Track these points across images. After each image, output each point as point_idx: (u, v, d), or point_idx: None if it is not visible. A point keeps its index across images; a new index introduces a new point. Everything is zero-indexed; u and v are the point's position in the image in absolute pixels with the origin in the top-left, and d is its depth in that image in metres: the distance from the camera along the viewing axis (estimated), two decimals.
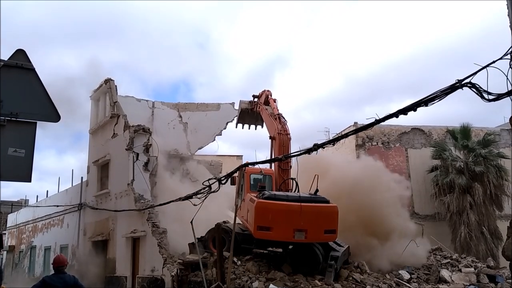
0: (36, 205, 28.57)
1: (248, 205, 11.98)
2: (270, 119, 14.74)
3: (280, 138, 13.61)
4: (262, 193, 11.66)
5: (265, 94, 16.16)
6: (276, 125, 14.07)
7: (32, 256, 27.76)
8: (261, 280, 11.13)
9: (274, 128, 14.06)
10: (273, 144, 13.91)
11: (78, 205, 21.22)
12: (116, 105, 18.78)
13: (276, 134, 13.72)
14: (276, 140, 13.74)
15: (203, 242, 13.09)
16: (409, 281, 13.01)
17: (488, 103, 5.42)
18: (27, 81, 4.19)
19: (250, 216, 11.56)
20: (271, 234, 11.13)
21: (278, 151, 13.29)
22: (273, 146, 13.88)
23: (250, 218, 11.54)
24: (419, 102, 6.24)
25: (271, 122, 14.60)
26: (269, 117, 14.88)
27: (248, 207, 11.98)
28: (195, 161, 22.33)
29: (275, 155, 13.36)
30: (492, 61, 5.13)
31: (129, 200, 16.73)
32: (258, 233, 11.16)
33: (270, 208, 11.07)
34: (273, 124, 14.33)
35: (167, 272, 13.40)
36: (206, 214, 12.41)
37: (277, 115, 14.57)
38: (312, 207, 11.32)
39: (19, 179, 4.16)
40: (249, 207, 11.84)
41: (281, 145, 13.43)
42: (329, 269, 11.30)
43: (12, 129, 4.00)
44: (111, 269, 17.84)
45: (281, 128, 13.96)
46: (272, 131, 14.17)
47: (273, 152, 13.84)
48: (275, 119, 14.41)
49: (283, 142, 13.57)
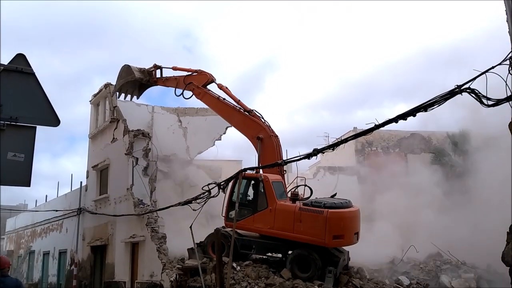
0: (35, 209, 28.51)
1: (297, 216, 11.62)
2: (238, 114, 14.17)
3: (272, 141, 13.33)
4: (319, 202, 11.63)
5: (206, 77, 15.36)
6: (262, 125, 13.64)
7: (31, 261, 27.68)
8: (260, 285, 11.11)
9: (259, 128, 13.58)
10: (260, 146, 13.40)
11: (77, 210, 21.17)
12: (116, 110, 18.79)
13: (268, 136, 13.36)
14: (267, 142, 13.35)
15: (202, 247, 13.05)
16: (409, 287, 12.98)
17: (487, 108, 5.44)
18: (27, 85, 4.19)
19: (312, 227, 11.34)
20: (343, 241, 11.76)
21: (273, 154, 13.08)
22: (263, 149, 13.37)
23: (312, 229, 11.33)
24: (418, 108, 6.26)
25: (242, 118, 14.03)
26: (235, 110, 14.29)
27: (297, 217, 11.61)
28: (195, 166, 22.31)
29: (267, 158, 12.90)
30: (491, 67, 5.16)
31: (128, 205, 16.71)
32: (333, 242, 11.49)
33: (341, 217, 11.53)
34: (251, 122, 13.82)
35: (166, 278, 13.35)
36: None
37: (251, 111, 14.05)
38: (357, 211, 12.25)
39: (19, 184, 4.15)
40: (301, 218, 11.54)
41: (276, 149, 13.31)
42: (328, 275, 11.25)
43: (11, 133, 3.99)
44: (110, 274, 17.78)
45: (270, 129, 13.58)
46: (254, 131, 13.65)
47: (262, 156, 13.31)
48: (252, 116, 13.88)
49: (276, 145, 13.37)
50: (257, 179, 12.43)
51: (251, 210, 12.43)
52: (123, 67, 17.47)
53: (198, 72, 15.84)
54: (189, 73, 15.99)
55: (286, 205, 12.12)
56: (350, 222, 11.82)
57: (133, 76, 16.94)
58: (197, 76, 15.70)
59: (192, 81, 15.52)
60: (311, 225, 11.42)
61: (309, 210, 11.58)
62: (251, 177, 12.57)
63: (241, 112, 14.28)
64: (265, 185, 12.34)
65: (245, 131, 14.21)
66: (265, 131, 13.53)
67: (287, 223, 11.79)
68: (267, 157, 13.02)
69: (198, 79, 15.55)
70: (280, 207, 12.07)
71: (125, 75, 17.20)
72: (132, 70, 16.99)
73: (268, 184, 12.33)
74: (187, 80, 15.74)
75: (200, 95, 15.41)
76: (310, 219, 11.46)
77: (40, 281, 25.72)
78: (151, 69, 17.38)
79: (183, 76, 16.05)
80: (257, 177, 12.45)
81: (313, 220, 11.39)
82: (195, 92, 15.44)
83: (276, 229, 12.00)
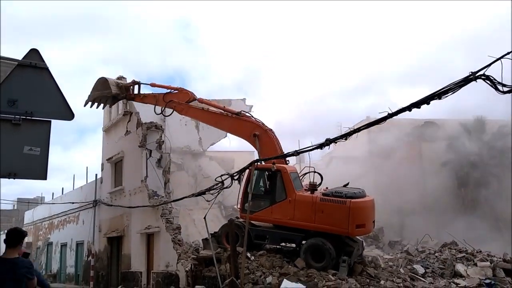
0: (52, 202, 28.98)
1: (319, 206, 11.66)
2: (228, 119, 14.06)
3: (269, 135, 13.23)
4: (339, 192, 11.71)
5: (188, 96, 15.09)
6: (254, 122, 13.61)
7: (49, 253, 28.22)
8: (275, 275, 11.15)
9: (252, 126, 13.52)
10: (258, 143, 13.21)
11: (93, 202, 21.48)
12: (129, 103, 18.90)
13: (263, 131, 13.25)
14: (264, 137, 13.23)
15: (216, 238, 13.14)
16: (424, 275, 12.93)
17: (503, 95, 5.36)
18: (41, 80, 4.23)
19: (334, 217, 11.43)
20: (365, 230, 12.01)
21: (273, 148, 12.96)
22: (262, 144, 13.19)
23: (335, 219, 11.42)
24: (432, 95, 6.18)
25: (232, 121, 13.97)
26: (224, 116, 14.17)
27: (319, 208, 11.65)
28: (207, 158, 22.40)
29: (268, 152, 12.74)
30: (507, 53, 5.06)
31: (143, 197, 16.88)
32: (356, 231, 11.65)
33: (362, 206, 11.71)
34: (243, 123, 13.79)
35: (181, 268, 13.51)
36: None
37: (239, 112, 14.09)
38: (373, 200, 12.41)
39: (35, 177, 4.21)
40: (323, 208, 11.59)
41: (275, 141, 13.26)
42: (342, 264, 11.26)
43: (27, 128, 4.05)
44: (126, 265, 18.05)
45: (263, 124, 13.50)
46: (248, 130, 13.55)
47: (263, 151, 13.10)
48: (242, 116, 13.90)
49: (273, 138, 13.27)
50: (275, 170, 12.35)
51: (269, 201, 12.37)
52: (100, 79, 17.00)
53: (179, 90, 15.52)
54: (168, 91, 15.68)
55: (306, 196, 12.10)
56: (370, 211, 12.03)
57: (109, 92, 16.47)
58: (177, 94, 15.38)
59: (172, 99, 15.20)
60: (333, 215, 11.46)
61: (330, 201, 11.60)
62: (267, 168, 12.54)
63: (230, 116, 14.14)
64: (283, 176, 12.28)
65: (239, 133, 14.13)
66: (259, 127, 13.43)
67: (307, 214, 11.79)
68: (267, 151, 12.84)
69: (179, 97, 15.23)
70: (300, 198, 12.05)
71: (101, 88, 16.71)
72: (109, 84, 16.50)
73: (286, 175, 12.28)
74: (167, 98, 15.35)
75: (184, 111, 15.21)
76: (332, 209, 11.49)
77: (58, 272, 26.24)
78: (129, 84, 16.98)
79: (162, 94, 15.66)
80: (271, 168, 12.32)
81: (336, 210, 11.45)
82: (177, 108, 15.17)
83: (296, 220, 11.99)
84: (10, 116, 3.98)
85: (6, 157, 3.90)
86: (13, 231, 5.03)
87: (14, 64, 4.14)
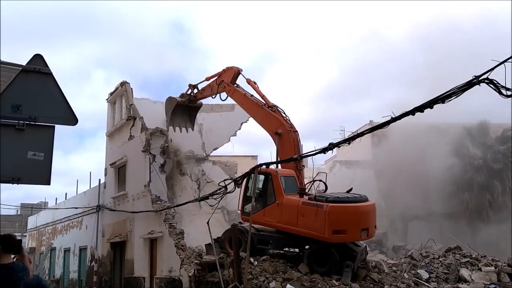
0: (55, 207, 29.02)
1: (301, 210, 11.61)
2: (261, 110, 14.18)
3: (291, 136, 13.28)
4: (322, 196, 11.51)
5: (233, 70, 15.63)
6: (281, 120, 13.59)
7: (52, 258, 28.20)
8: (278, 280, 11.12)
9: (278, 123, 13.54)
10: (278, 141, 13.32)
11: (96, 207, 21.49)
12: (132, 108, 18.97)
13: (286, 131, 13.31)
14: (285, 137, 13.29)
15: (219, 243, 13.13)
16: (428, 280, 12.85)
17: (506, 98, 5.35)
18: (45, 85, 4.25)
19: (313, 221, 11.24)
20: (345, 236, 11.39)
21: (290, 149, 13.07)
22: (281, 144, 13.31)
23: (314, 223, 11.23)
24: (435, 99, 6.18)
25: (264, 113, 14.03)
26: (259, 106, 14.30)
27: (300, 212, 11.60)
28: (211, 162, 22.41)
29: (285, 153, 12.90)
30: (510, 56, 5.06)
31: (146, 202, 16.88)
32: (334, 237, 11.22)
33: (342, 211, 11.28)
34: (272, 118, 13.79)
35: (184, 273, 13.48)
36: None
37: (273, 106, 14.04)
38: (369, 206, 11.92)
39: (39, 182, 4.22)
40: (304, 212, 11.52)
41: (293, 144, 13.28)
42: (346, 269, 11.21)
43: (31, 133, 4.06)
44: (130, 270, 18.03)
45: (289, 124, 13.52)
46: (274, 126, 13.61)
47: (280, 151, 13.29)
48: (273, 111, 13.87)
49: (294, 140, 13.36)
50: (267, 174, 12.46)
51: (262, 204, 12.50)
52: (166, 100, 18.30)
53: (225, 70, 16.17)
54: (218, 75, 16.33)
55: (291, 199, 12.13)
56: (355, 217, 11.47)
57: (175, 100, 17.64)
58: (225, 73, 16.00)
59: (223, 80, 15.82)
60: (312, 219, 11.33)
61: (310, 204, 11.51)
62: (263, 172, 12.61)
63: (263, 108, 14.30)
64: (273, 180, 12.40)
65: (266, 126, 14.27)
66: (283, 126, 13.51)
67: (292, 217, 11.80)
68: (285, 152, 13.01)
69: (226, 76, 15.84)
70: (286, 201, 12.11)
71: (169, 106, 17.91)
72: (174, 98, 17.77)
73: (276, 178, 12.36)
74: (218, 80, 16.09)
75: (230, 92, 15.70)
76: (312, 213, 11.38)
77: (61, 277, 26.21)
78: (188, 90, 17.80)
79: (214, 81, 16.40)
80: (268, 172, 12.46)
81: (314, 214, 11.30)
82: (226, 89, 15.74)
83: (282, 223, 12.06)
84: (14, 121, 3.99)
85: (10, 162, 3.91)
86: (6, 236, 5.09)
87: (18, 69, 4.17)
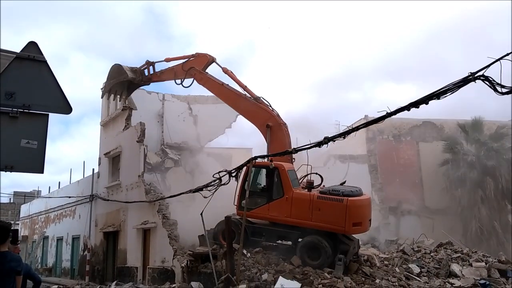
0: (48, 196, 28.94)
1: (316, 204, 11.68)
2: (245, 101, 13.69)
3: (283, 129, 13.20)
4: (337, 190, 11.72)
5: (206, 58, 14.55)
6: (270, 112, 13.40)
7: (45, 247, 28.17)
8: (271, 272, 11.17)
9: (267, 116, 13.33)
10: (269, 134, 13.14)
11: (89, 197, 21.45)
12: (128, 98, 18.85)
13: (277, 124, 13.18)
14: (277, 130, 13.19)
15: (212, 235, 13.15)
16: (419, 275, 12.97)
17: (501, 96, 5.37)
18: (39, 73, 4.22)
19: (331, 215, 11.44)
20: (361, 228, 11.96)
21: (284, 142, 12.98)
22: (273, 137, 13.15)
23: (331, 217, 11.43)
24: (431, 95, 6.19)
25: (250, 105, 13.60)
26: (242, 97, 13.80)
27: (315, 206, 11.68)
28: (205, 154, 22.38)
29: (279, 146, 12.69)
30: (506, 54, 5.07)
31: (140, 192, 16.87)
32: (352, 229, 11.72)
33: (359, 204, 11.76)
34: (260, 110, 13.51)
35: (177, 263, 13.51)
36: None
37: (259, 98, 13.68)
38: (370, 199, 12.59)
39: (32, 171, 4.21)
40: (320, 206, 11.62)
41: (286, 136, 13.24)
42: (338, 263, 11.29)
43: (24, 121, 4.04)
44: (122, 260, 18.05)
45: (279, 117, 13.36)
46: (263, 119, 13.38)
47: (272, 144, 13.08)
48: (260, 103, 13.58)
49: (285, 132, 13.28)
50: (273, 168, 12.32)
51: (266, 199, 12.38)
52: (113, 67, 16.85)
53: (195, 55, 15.14)
54: (185, 60, 15.28)
55: (303, 194, 12.11)
56: (366, 209, 12.08)
57: (125, 76, 16.21)
58: (195, 60, 14.94)
59: (192, 66, 14.77)
60: (330, 213, 11.50)
61: (327, 199, 11.65)
62: (264, 166, 12.54)
63: (248, 99, 13.90)
64: (281, 174, 12.27)
65: (253, 119, 13.98)
66: (274, 119, 13.39)
67: (304, 212, 11.82)
68: (277, 146, 12.86)
69: (197, 62, 14.79)
70: (297, 196, 12.07)
71: (116, 75, 16.53)
72: (124, 70, 16.27)
73: (284, 173, 12.28)
74: (186, 66, 14.97)
75: (202, 81, 14.76)
76: (329, 207, 11.53)
77: (54, 266, 26.22)
78: (143, 67, 16.65)
79: (180, 64, 15.35)
80: (269, 165, 12.32)
81: (333, 208, 11.47)
82: (196, 77, 14.74)
83: (293, 218, 12.01)
84: (7, 109, 3.97)
85: (3, 149, 3.89)
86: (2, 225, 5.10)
87: (12, 56, 4.13)
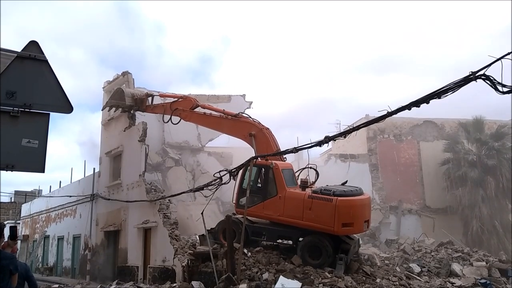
0: (49, 195, 28.95)
1: (307, 203, 11.66)
2: (226, 121, 14.58)
3: (264, 133, 13.42)
4: (329, 190, 11.61)
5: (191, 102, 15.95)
6: (251, 122, 13.92)
7: (46, 246, 28.18)
8: (271, 271, 11.17)
9: (248, 126, 13.83)
10: (254, 142, 13.50)
11: (90, 196, 21.46)
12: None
13: (259, 130, 13.49)
14: (260, 136, 13.46)
15: (213, 234, 13.16)
16: (420, 274, 12.98)
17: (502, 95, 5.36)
18: (40, 72, 4.21)
19: (321, 215, 11.36)
20: (352, 229, 11.70)
21: (269, 145, 13.12)
22: (258, 143, 13.45)
23: (321, 217, 11.35)
24: (432, 94, 6.19)
25: (231, 122, 14.40)
26: (223, 118, 14.72)
27: (306, 205, 11.66)
28: (206, 153, 22.40)
29: (264, 150, 12.93)
30: (507, 53, 5.06)
31: (141, 191, 16.88)
32: (342, 230, 11.47)
33: (350, 204, 11.47)
34: (240, 123, 14.13)
35: (178, 263, 13.52)
36: None
37: (237, 114, 14.43)
38: (368, 199, 12.35)
39: (33, 170, 4.20)
40: (310, 206, 11.57)
41: (270, 139, 13.37)
42: (339, 262, 11.28)
43: (25, 120, 4.03)
44: (123, 259, 18.06)
45: (259, 124, 13.72)
46: (245, 130, 13.87)
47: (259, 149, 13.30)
48: (239, 118, 14.23)
49: (269, 135, 13.46)
50: (267, 166, 12.44)
51: (261, 197, 12.47)
52: (118, 90, 18.12)
53: (183, 97, 16.48)
54: (175, 99, 16.54)
55: (296, 193, 12.13)
56: (360, 210, 11.79)
57: (123, 103, 17.60)
58: (182, 101, 16.21)
59: (177, 107, 16.05)
60: (320, 213, 11.42)
61: (318, 198, 11.58)
62: (262, 165, 12.61)
63: (228, 119, 14.63)
64: (274, 172, 12.35)
65: (237, 133, 14.44)
66: (255, 127, 13.71)
67: (296, 211, 11.82)
68: (263, 149, 13.04)
69: (183, 104, 16.06)
70: (290, 195, 12.09)
71: (117, 98, 17.79)
72: (125, 96, 17.61)
73: (277, 171, 12.34)
74: (173, 106, 16.25)
75: (188, 117, 15.96)
76: (319, 206, 11.46)
77: (55, 265, 26.23)
78: (142, 97, 17.92)
79: (169, 103, 16.59)
80: (267, 164, 12.45)
81: (322, 207, 11.39)
82: (182, 115, 15.98)
83: (285, 216, 12.04)
84: (8, 108, 3.96)
85: (4, 149, 3.88)
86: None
87: (13, 55, 4.12)
